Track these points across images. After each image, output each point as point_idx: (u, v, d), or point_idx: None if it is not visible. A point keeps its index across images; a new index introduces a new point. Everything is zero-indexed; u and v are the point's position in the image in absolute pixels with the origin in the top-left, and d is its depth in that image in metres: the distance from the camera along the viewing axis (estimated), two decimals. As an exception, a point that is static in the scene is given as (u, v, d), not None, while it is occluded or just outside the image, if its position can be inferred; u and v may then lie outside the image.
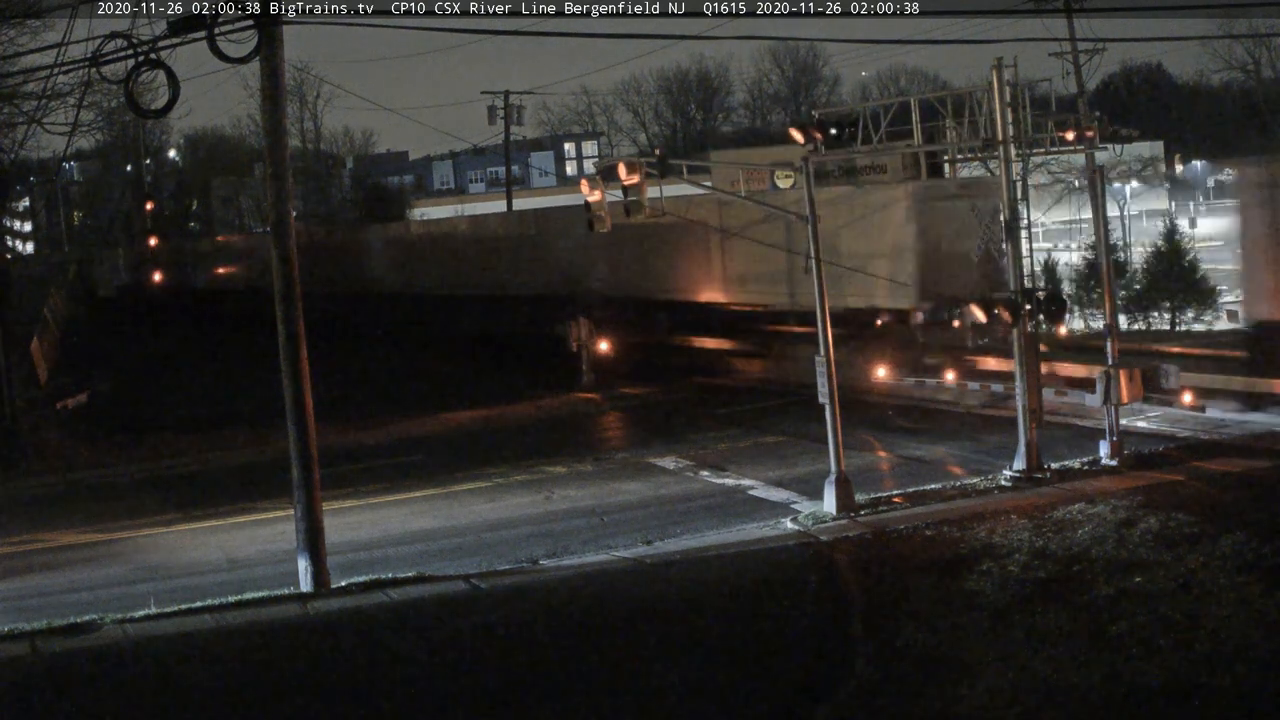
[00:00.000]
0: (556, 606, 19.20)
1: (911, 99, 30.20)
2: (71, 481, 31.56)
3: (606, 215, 25.51)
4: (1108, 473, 24.47)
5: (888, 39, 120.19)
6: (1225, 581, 17.69)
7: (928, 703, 15.21)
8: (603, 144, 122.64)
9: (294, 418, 20.99)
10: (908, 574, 19.57)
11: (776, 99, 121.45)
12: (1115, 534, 20.16)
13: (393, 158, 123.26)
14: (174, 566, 23.39)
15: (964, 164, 37.45)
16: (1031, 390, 24.83)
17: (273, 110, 20.94)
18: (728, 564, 20.78)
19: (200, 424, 37.24)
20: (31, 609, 20.73)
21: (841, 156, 32.60)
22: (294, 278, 20.91)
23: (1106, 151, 38.72)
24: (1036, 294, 24.67)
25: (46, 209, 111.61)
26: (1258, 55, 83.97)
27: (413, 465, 30.47)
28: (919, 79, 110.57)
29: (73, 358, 56.67)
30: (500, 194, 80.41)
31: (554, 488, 27.34)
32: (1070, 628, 16.79)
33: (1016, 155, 25.83)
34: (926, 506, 23.18)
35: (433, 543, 23.80)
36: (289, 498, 21.37)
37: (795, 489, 25.57)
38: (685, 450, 29.95)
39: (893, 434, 30.13)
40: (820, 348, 23.63)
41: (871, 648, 16.95)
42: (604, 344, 40.18)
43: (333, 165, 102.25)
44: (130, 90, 21.06)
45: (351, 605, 19.83)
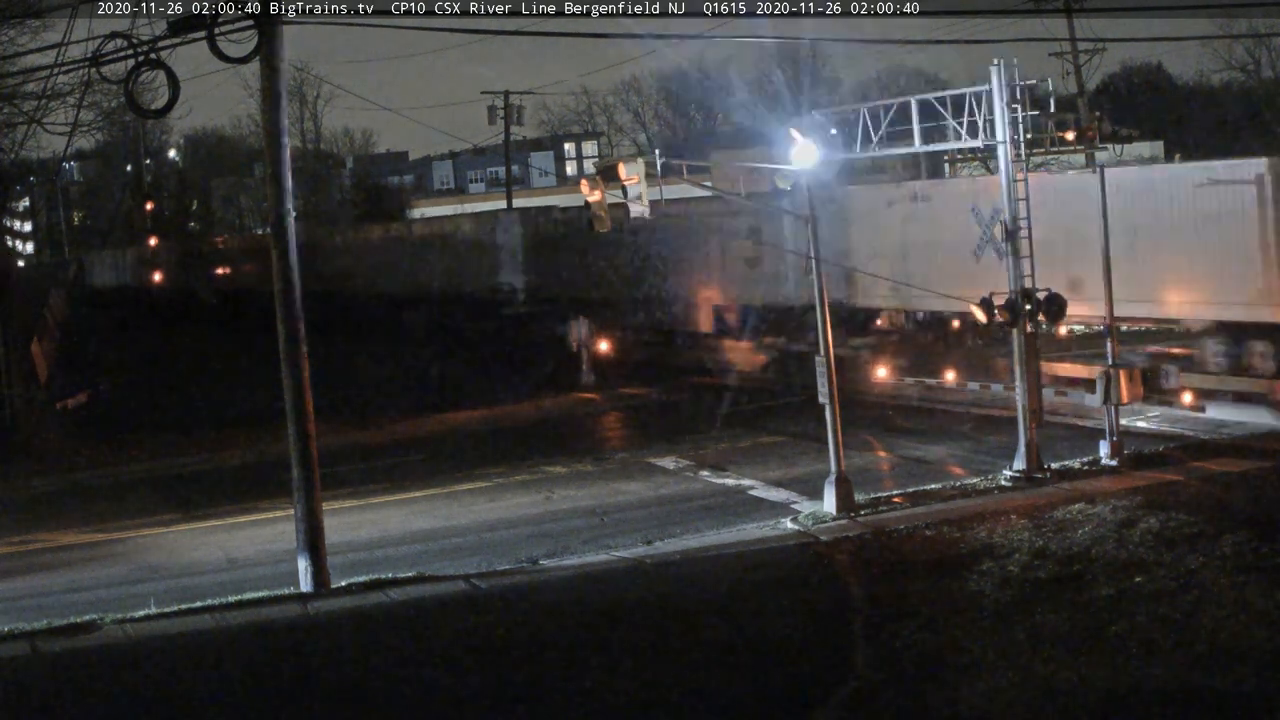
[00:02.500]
0: (556, 607, 19.19)
1: (911, 99, 30.19)
2: (71, 481, 31.57)
3: (606, 215, 25.51)
4: (1108, 473, 24.46)
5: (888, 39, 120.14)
6: (1225, 581, 17.69)
7: (928, 703, 15.20)
8: (603, 144, 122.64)
9: (294, 418, 20.98)
10: (908, 574, 19.56)
11: (777, 99, 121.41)
12: (1115, 534, 20.16)
13: (393, 158, 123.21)
14: (174, 566, 23.39)
15: (964, 164, 37.51)
16: (1031, 390, 24.84)
17: (273, 110, 20.93)
18: (728, 564, 20.76)
19: (200, 424, 37.26)
20: (31, 609, 20.72)
21: (841, 156, 32.57)
22: (294, 278, 20.90)
23: (1106, 151, 38.71)
24: (1036, 294, 24.67)
25: (46, 209, 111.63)
26: (1258, 55, 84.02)
27: (413, 465, 30.49)
28: (919, 79, 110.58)
29: (73, 358, 56.68)
30: (500, 194, 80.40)
31: (554, 488, 27.35)
32: (1070, 628, 16.79)
33: (1016, 155, 25.80)
34: (926, 506, 23.17)
35: (433, 543, 23.80)
36: (289, 498, 21.35)
37: (795, 489, 25.57)
38: (685, 450, 29.94)
39: (893, 434, 30.13)
40: (820, 347, 23.63)
41: (871, 648, 16.94)
42: (604, 344, 40.19)
43: (333, 165, 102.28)
44: (130, 90, 21.07)
45: (351, 605, 19.82)
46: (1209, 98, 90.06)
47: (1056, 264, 26.80)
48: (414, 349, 50.69)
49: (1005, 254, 25.17)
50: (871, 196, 36.25)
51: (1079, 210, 28.33)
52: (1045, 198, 27.94)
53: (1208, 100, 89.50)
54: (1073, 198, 29.29)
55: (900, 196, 35.24)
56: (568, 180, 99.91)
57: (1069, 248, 28.49)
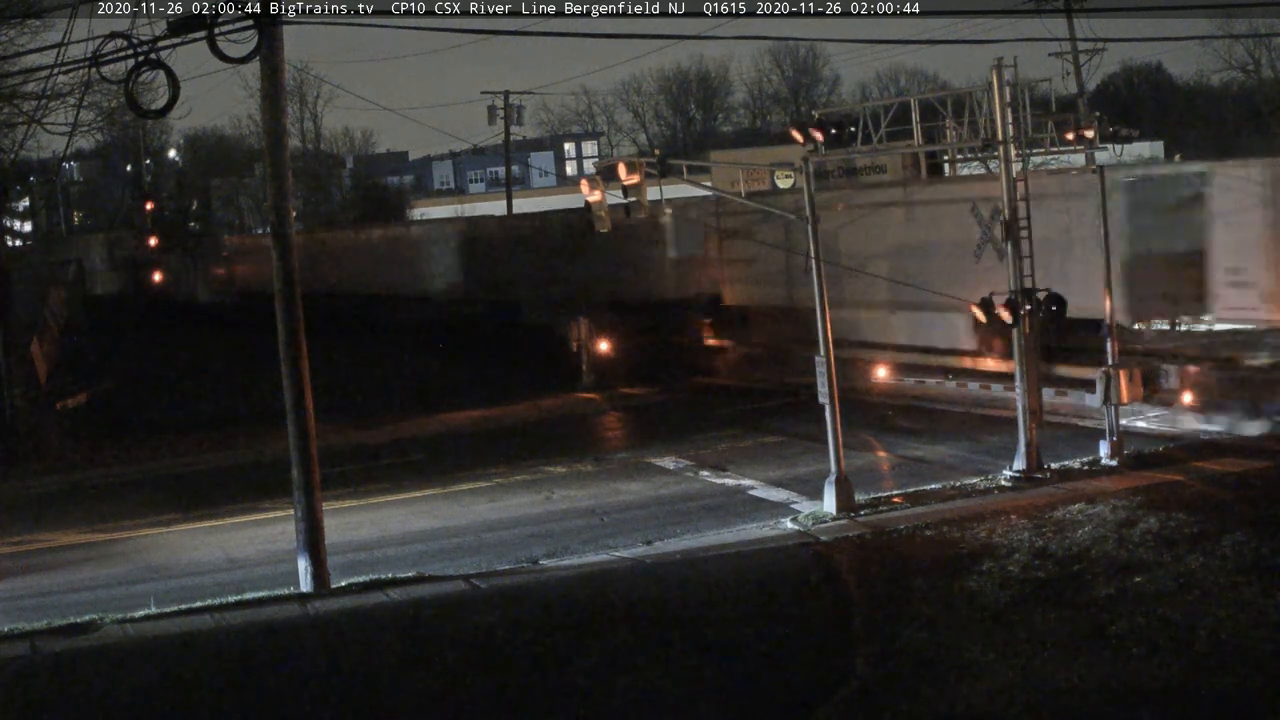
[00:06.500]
0: (556, 607, 19.18)
1: (911, 99, 30.22)
2: (71, 481, 31.57)
3: (606, 215, 25.49)
4: (1108, 473, 24.47)
5: (888, 39, 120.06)
6: (1225, 581, 17.69)
7: (928, 703, 15.20)
8: (603, 144, 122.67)
9: (294, 418, 20.98)
10: (908, 574, 19.56)
11: (776, 99, 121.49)
12: (1115, 534, 20.16)
13: (392, 158, 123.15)
14: (174, 566, 23.39)
15: (964, 164, 37.49)
16: (1031, 390, 24.83)
17: (273, 110, 20.93)
18: (727, 564, 20.77)
19: (200, 424, 37.26)
20: (31, 609, 20.74)
21: (841, 156, 32.61)
22: (294, 277, 20.90)
23: (1106, 151, 38.70)
24: (1036, 294, 24.66)
25: (46, 209, 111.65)
26: (1258, 55, 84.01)
27: (413, 465, 30.49)
28: (919, 79, 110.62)
29: (73, 358, 56.63)
30: (500, 194, 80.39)
31: (554, 488, 27.35)
32: (1070, 628, 16.78)
33: (1016, 155, 25.81)
34: (926, 506, 23.18)
35: (433, 543, 23.81)
36: (289, 498, 21.35)
37: (795, 489, 25.58)
38: (685, 450, 29.95)
39: (893, 434, 30.13)
40: (820, 347, 23.63)
41: (871, 648, 16.93)
42: (604, 344, 40.17)
43: (333, 165, 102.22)
44: (130, 90, 21.04)
45: (351, 605, 19.82)
46: (1209, 98, 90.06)
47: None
48: (414, 349, 50.70)
49: (1005, 254, 25.17)
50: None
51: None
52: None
53: (1208, 100, 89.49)
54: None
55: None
56: (568, 180, 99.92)
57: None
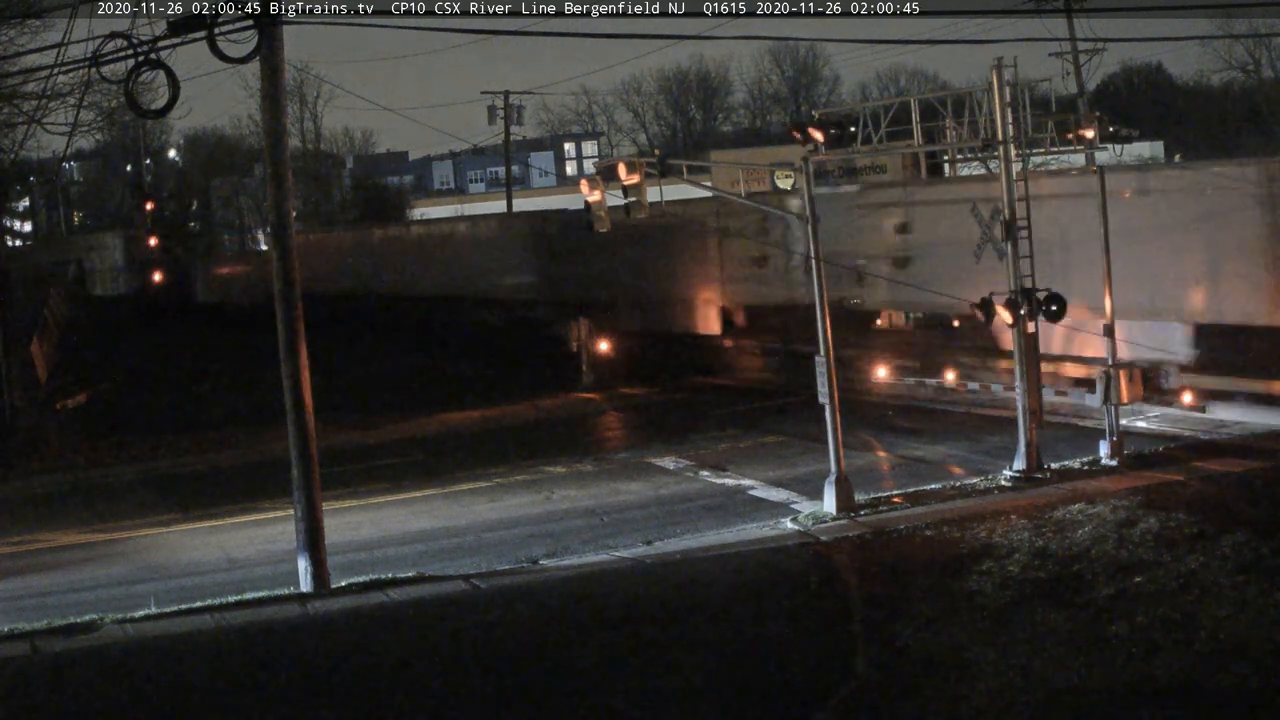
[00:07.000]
0: (556, 607, 19.19)
1: (911, 99, 30.23)
2: (71, 481, 31.57)
3: (606, 215, 25.48)
4: (1108, 473, 24.46)
5: (888, 39, 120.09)
6: (1225, 581, 17.68)
7: (928, 703, 15.19)
8: (603, 144, 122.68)
9: (294, 418, 20.98)
10: (908, 574, 19.56)
11: (776, 99, 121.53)
12: (1115, 534, 20.15)
13: (392, 158, 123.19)
14: (174, 566, 23.39)
15: (964, 164, 37.50)
16: (1031, 390, 24.83)
17: (273, 110, 20.93)
18: (727, 564, 20.77)
19: (200, 424, 37.26)
20: (31, 609, 20.73)
21: (841, 156, 32.61)
22: (294, 278, 20.90)
23: (1106, 151, 38.73)
24: (1036, 294, 24.65)
25: (46, 209, 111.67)
26: (1258, 55, 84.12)
27: (413, 465, 30.48)
28: (919, 79, 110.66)
29: (72, 358, 56.66)
30: (500, 194, 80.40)
31: (554, 488, 27.34)
32: (1070, 628, 16.78)
33: (1016, 155, 25.80)
34: (926, 506, 23.17)
35: (433, 543, 23.80)
36: (289, 498, 21.35)
37: (795, 489, 25.57)
38: (685, 450, 29.94)
39: (893, 434, 30.13)
40: (820, 347, 23.63)
41: (871, 648, 16.93)
42: (604, 344, 40.17)
43: (333, 165, 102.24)
44: (130, 90, 21.05)
45: (351, 605, 19.82)
46: (1209, 98, 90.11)
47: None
48: (413, 349, 50.72)
49: (1005, 254, 25.16)
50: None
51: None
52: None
53: (1208, 100, 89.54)
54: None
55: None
56: (568, 180, 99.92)
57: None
